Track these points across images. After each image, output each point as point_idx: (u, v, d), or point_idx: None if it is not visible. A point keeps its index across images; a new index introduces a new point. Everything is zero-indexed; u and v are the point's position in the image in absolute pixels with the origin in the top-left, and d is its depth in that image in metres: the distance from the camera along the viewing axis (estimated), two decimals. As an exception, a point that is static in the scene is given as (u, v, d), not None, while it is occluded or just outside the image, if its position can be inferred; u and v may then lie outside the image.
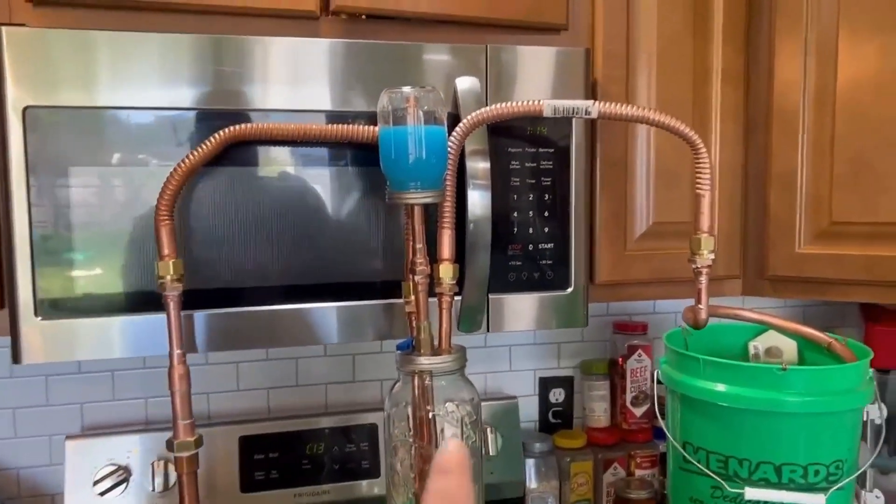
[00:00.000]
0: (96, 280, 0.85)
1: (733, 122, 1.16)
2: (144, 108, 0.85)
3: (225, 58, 0.87)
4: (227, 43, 0.87)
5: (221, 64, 0.87)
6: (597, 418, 1.45)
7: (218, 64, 0.87)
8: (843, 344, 1.00)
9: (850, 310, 1.57)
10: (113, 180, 0.84)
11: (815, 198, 1.11)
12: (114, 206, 0.84)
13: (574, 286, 1.03)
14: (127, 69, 0.84)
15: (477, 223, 0.92)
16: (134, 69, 0.84)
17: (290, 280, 0.92)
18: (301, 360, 1.35)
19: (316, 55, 0.90)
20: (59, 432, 1.24)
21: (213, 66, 0.87)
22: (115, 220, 0.85)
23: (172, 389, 0.85)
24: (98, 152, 0.84)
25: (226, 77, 0.87)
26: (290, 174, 0.90)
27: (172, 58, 0.85)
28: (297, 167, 0.90)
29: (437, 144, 0.83)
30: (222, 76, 0.87)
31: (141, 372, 1.28)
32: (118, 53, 0.84)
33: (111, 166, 0.84)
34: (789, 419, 0.89)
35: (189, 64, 0.86)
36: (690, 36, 1.12)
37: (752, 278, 1.18)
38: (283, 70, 0.89)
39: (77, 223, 0.83)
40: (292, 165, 0.90)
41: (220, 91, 0.87)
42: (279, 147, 0.90)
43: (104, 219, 0.84)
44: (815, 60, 1.10)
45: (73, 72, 0.82)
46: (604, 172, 1.10)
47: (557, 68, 1.00)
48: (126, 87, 0.84)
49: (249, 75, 0.88)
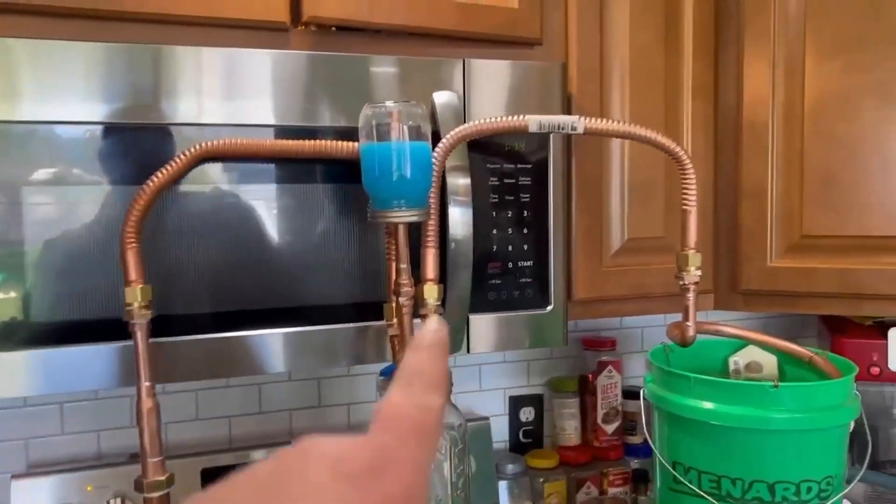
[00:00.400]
0: (8, 308, 0.78)
1: (704, 137, 1.16)
2: (79, 122, 0.79)
3: (180, 69, 0.82)
4: (185, 54, 0.82)
5: (175, 76, 0.82)
6: (568, 436, 1.43)
7: (172, 75, 0.82)
8: (824, 358, 1.01)
9: (810, 321, 1.60)
10: (36, 198, 0.78)
11: (785, 212, 1.12)
12: (37, 228, 0.78)
13: (553, 304, 1.01)
14: (55, 80, 0.78)
15: (458, 242, 0.89)
16: (63, 80, 0.78)
17: (253, 304, 0.87)
18: (264, 385, 1.29)
19: (285, 67, 0.86)
20: (3, 471, 1.15)
21: (166, 78, 0.81)
22: (37, 242, 0.78)
23: (140, 426, 0.79)
24: (17, 169, 0.77)
25: (177, 90, 0.82)
26: (256, 192, 0.86)
27: (125, 68, 0.80)
28: (263, 185, 0.86)
29: (422, 160, 0.80)
30: (175, 89, 0.82)
31: (92, 403, 1.20)
32: (46, 63, 0.78)
33: (33, 185, 0.77)
34: (781, 436, 0.88)
35: (136, 75, 0.80)
36: (662, 51, 1.12)
37: (724, 292, 1.19)
38: (247, 83, 0.85)
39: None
40: (259, 183, 0.86)
41: (172, 105, 0.82)
42: (246, 164, 0.85)
43: (24, 241, 0.77)
44: (783, 77, 1.11)
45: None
46: (579, 188, 1.09)
47: (534, 83, 0.98)
48: (57, 99, 0.78)
49: (209, 88, 0.83)
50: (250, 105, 0.85)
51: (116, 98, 0.80)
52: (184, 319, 0.84)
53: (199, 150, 0.79)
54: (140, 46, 0.81)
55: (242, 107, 0.84)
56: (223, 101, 0.84)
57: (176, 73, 0.82)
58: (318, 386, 1.32)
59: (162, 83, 0.81)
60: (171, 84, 0.82)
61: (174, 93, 0.82)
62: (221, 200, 0.84)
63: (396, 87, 0.91)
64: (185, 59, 0.82)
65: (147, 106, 0.81)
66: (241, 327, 0.87)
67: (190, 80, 0.82)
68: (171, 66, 0.82)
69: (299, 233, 0.88)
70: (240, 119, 0.85)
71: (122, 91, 0.80)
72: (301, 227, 0.88)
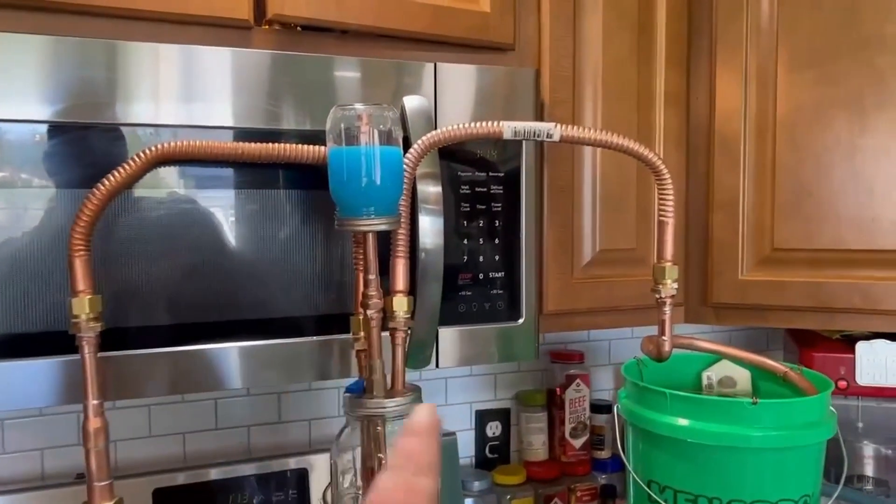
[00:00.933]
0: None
1: (676, 148, 1.15)
2: (25, 121, 0.73)
3: (134, 66, 0.77)
4: (140, 50, 0.77)
5: (129, 73, 0.77)
6: (535, 451, 1.40)
7: (126, 72, 0.77)
8: (798, 373, 0.99)
9: (777, 334, 1.60)
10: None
11: (757, 225, 1.11)
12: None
13: (525, 317, 0.98)
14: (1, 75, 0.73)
15: (429, 251, 0.85)
16: (9, 76, 0.73)
17: (211, 317, 0.82)
18: (220, 400, 1.24)
19: (247, 66, 0.82)
20: (-64, 494, 1.08)
21: (120, 75, 0.76)
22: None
23: (87, 446, 0.73)
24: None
25: (131, 88, 0.77)
26: (214, 198, 0.81)
27: (75, 64, 0.75)
28: (222, 190, 0.81)
29: (392, 166, 0.76)
30: (128, 87, 0.77)
31: (35, 420, 1.13)
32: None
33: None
34: (760, 454, 0.86)
35: (87, 71, 0.75)
36: (635, 60, 1.10)
37: (694, 305, 1.17)
38: (207, 82, 0.80)
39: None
40: (217, 189, 0.81)
41: (126, 104, 0.77)
42: (204, 168, 0.80)
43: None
44: (756, 87, 1.10)
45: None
46: (551, 198, 1.06)
47: (506, 89, 0.96)
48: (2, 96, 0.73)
49: (166, 87, 0.78)
50: (210, 106, 0.80)
51: (65, 96, 0.74)
52: (137, 332, 0.79)
53: (155, 153, 0.74)
54: (92, 41, 0.76)
55: (201, 107, 0.80)
56: (181, 101, 0.79)
57: (130, 70, 0.77)
58: (278, 400, 1.27)
59: (116, 80, 0.76)
60: (125, 82, 0.77)
61: (128, 91, 0.77)
62: (178, 206, 0.79)
63: (364, 89, 0.88)
64: (139, 56, 0.77)
65: (99, 104, 0.76)
66: (197, 341, 0.82)
67: (145, 77, 0.77)
68: (125, 62, 0.77)
69: (261, 241, 0.83)
70: (198, 120, 0.80)
71: (71, 88, 0.75)
72: (263, 235, 0.83)
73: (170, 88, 0.78)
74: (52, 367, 0.75)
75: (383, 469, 0.32)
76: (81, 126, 0.75)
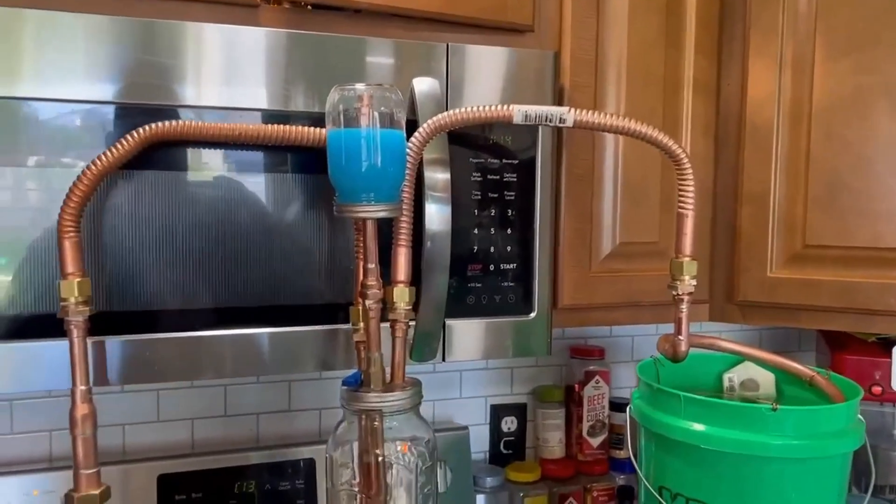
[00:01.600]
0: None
1: (704, 137, 1.09)
2: (47, 99, 0.72)
3: (150, 45, 0.75)
4: (153, 28, 0.75)
5: (145, 52, 0.75)
6: (551, 449, 1.36)
7: (141, 52, 0.75)
8: (826, 378, 0.93)
9: (809, 334, 1.53)
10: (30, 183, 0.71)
11: (788, 219, 1.05)
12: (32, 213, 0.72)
13: (538, 311, 0.94)
14: (38, 54, 0.71)
15: (435, 240, 0.82)
16: (45, 54, 0.71)
17: (218, 302, 0.80)
18: (230, 387, 1.22)
19: (255, 46, 0.79)
20: (-55, 472, 1.08)
21: (135, 53, 0.74)
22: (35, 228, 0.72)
23: (74, 433, 0.71)
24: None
25: (149, 67, 0.75)
26: (221, 181, 0.79)
27: (86, 42, 0.73)
28: (228, 173, 0.79)
29: (394, 150, 0.73)
30: (145, 66, 0.75)
31: (45, 402, 1.12)
32: (30, 35, 0.71)
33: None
34: (779, 464, 0.81)
35: (108, 51, 0.73)
36: (662, 44, 1.05)
37: (720, 303, 1.12)
38: (217, 62, 0.78)
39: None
40: (223, 171, 0.79)
41: (139, 83, 0.75)
42: (209, 150, 0.78)
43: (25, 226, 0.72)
44: (791, 75, 1.04)
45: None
46: (569, 187, 1.01)
47: (524, 72, 0.91)
48: (29, 75, 0.71)
49: (179, 66, 0.76)
50: (212, 86, 0.77)
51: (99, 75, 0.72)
52: (145, 317, 0.77)
53: (148, 133, 0.72)
54: (125, 20, 0.74)
55: (204, 88, 0.77)
56: (188, 81, 0.76)
57: (168, 51, 0.75)
58: (288, 389, 1.25)
59: (148, 61, 0.74)
60: (159, 62, 0.74)
61: (164, 71, 0.75)
62: (179, 190, 0.77)
63: (374, 71, 0.84)
64: (176, 35, 0.75)
65: (140, 84, 0.74)
66: (198, 328, 0.80)
67: (145, 55, 0.75)
68: (160, 41, 0.74)
69: (264, 225, 0.80)
70: (200, 101, 0.77)
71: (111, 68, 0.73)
72: (266, 220, 0.80)
73: (175, 67, 0.76)
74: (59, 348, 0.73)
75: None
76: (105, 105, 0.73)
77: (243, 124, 0.75)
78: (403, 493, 0.82)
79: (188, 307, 0.79)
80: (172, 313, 0.78)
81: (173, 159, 0.77)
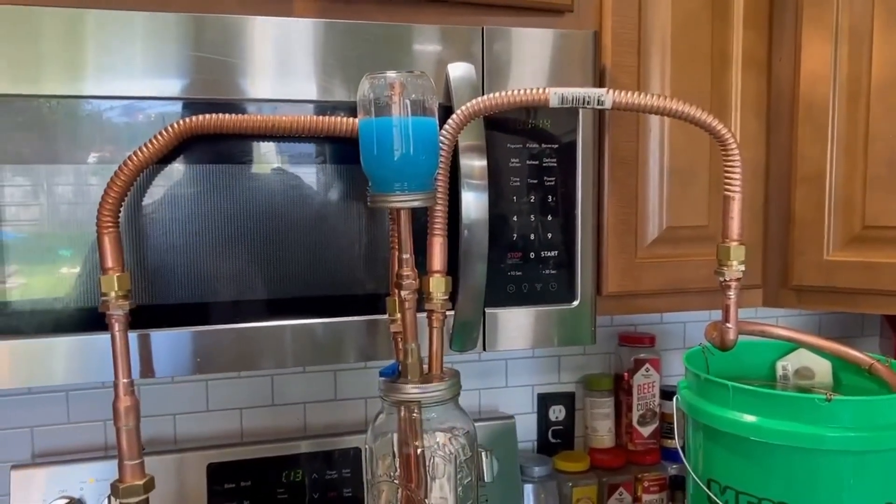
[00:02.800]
0: (29, 294, 0.72)
1: (755, 116, 1.04)
2: (95, 97, 0.73)
3: (201, 39, 0.75)
4: (197, 22, 0.75)
5: (197, 48, 0.75)
6: (600, 438, 1.34)
7: (194, 48, 0.75)
8: (887, 366, 0.89)
9: (872, 320, 1.46)
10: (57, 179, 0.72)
11: (846, 199, 1.00)
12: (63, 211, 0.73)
13: (581, 299, 0.92)
14: (80, 51, 0.72)
15: (472, 229, 0.80)
16: (103, 53, 0.72)
17: (261, 294, 0.80)
18: (277, 377, 1.23)
19: (292, 36, 0.79)
20: (6, 460, 1.12)
21: (188, 49, 0.75)
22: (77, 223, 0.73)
23: (118, 425, 0.72)
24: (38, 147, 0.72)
25: (201, 62, 0.75)
26: (259, 173, 0.79)
27: (145, 40, 0.73)
28: (265, 165, 0.79)
29: (426, 138, 0.71)
30: (197, 61, 0.75)
31: (99, 392, 1.15)
32: (71, 32, 0.72)
33: (53, 164, 0.72)
34: (833, 457, 0.77)
35: (165, 47, 0.74)
36: (709, 18, 1.01)
37: (774, 288, 1.07)
38: (261, 54, 0.77)
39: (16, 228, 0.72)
40: (263, 163, 0.79)
41: (188, 78, 0.75)
42: (247, 142, 0.78)
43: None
44: (847, 49, 0.99)
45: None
46: (612, 171, 0.98)
47: (562, 53, 0.89)
48: (72, 72, 0.72)
49: (226, 61, 0.76)
50: (251, 78, 0.77)
51: (141, 70, 0.73)
52: (189, 309, 0.78)
53: (184, 126, 0.72)
54: (171, 15, 0.75)
55: (243, 80, 0.77)
56: (225, 73, 0.76)
57: (216, 46, 0.75)
58: (334, 378, 1.26)
59: (194, 55, 0.74)
60: (204, 56, 0.75)
61: (210, 65, 0.75)
62: (217, 183, 0.77)
63: (409, 57, 0.83)
64: (225, 30, 0.75)
65: (181, 77, 0.74)
66: (240, 320, 0.80)
67: (188, 49, 0.75)
68: (208, 35, 0.75)
69: (302, 217, 0.80)
70: (238, 93, 0.77)
71: (152, 63, 0.73)
72: (304, 211, 0.80)
73: (207, 61, 0.76)
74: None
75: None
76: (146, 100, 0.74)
77: (277, 116, 0.75)
78: (444, 483, 0.81)
79: (231, 299, 0.79)
80: (215, 305, 0.79)
81: (210, 153, 0.77)
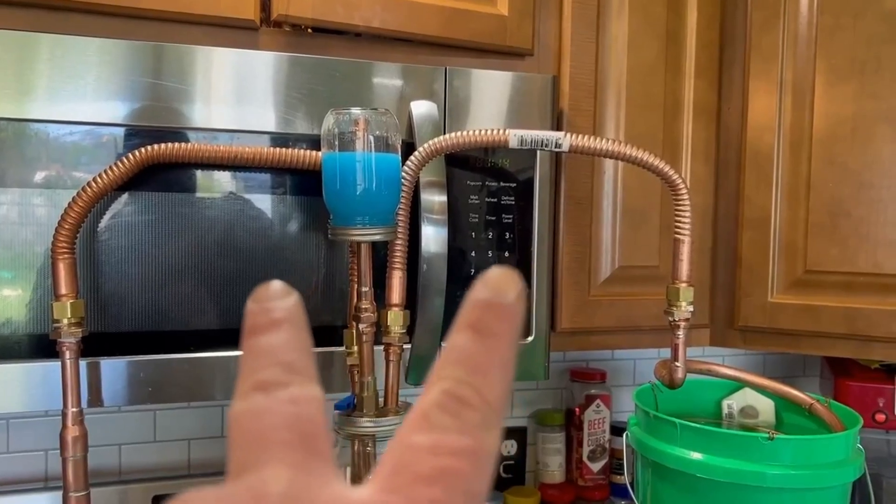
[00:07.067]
0: None
1: (704, 162, 1.09)
2: (56, 121, 0.72)
3: (158, 68, 0.75)
4: (162, 51, 0.75)
5: (154, 76, 0.75)
6: (551, 473, 1.35)
7: (151, 75, 0.75)
8: (825, 406, 0.92)
9: (813, 360, 1.51)
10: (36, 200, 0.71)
11: (789, 244, 1.04)
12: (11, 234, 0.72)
13: (535, 334, 0.93)
14: (48, 77, 0.71)
15: (431, 263, 0.81)
16: (55, 77, 0.72)
17: (214, 324, 0.80)
18: (227, 407, 1.21)
19: (255, 69, 0.80)
20: (-59, 491, 1.08)
21: (143, 76, 0.75)
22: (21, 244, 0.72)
23: (65, 455, 0.71)
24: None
25: (157, 89, 0.75)
26: (218, 202, 0.79)
27: (98, 67, 0.73)
28: (225, 195, 0.79)
29: (389, 174, 0.73)
30: (153, 88, 0.75)
31: (41, 420, 1.12)
32: (41, 58, 0.71)
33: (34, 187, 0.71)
34: (775, 494, 0.80)
35: (117, 74, 0.74)
36: (662, 68, 1.05)
37: (721, 328, 1.11)
38: (222, 85, 0.78)
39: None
40: (220, 193, 0.79)
41: (147, 105, 0.75)
42: (205, 171, 0.78)
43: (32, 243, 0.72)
44: (791, 100, 1.04)
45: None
46: (567, 210, 1.01)
47: (522, 95, 0.91)
48: (39, 96, 0.71)
49: (185, 90, 0.76)
50: (218, 109, 0.78)
51: (99, 97, 0.73)
52: (141, 338, 0.77)
53: (146, 154, 0.72)
54: (128, 43, 0.75)
55: (211, 109, 0.77)
56: (195, 103, 0.77)
57: (175, 75, 0.75)
58: (286, 410, 1.24)
59: (149, 83, 0.74)
60: (162, 85, 0.75)
61: (169, 94, 0.75)
62: (176, 211, 0.77)
63: (372, 93, 0.84)
64: (182, 59, 0.75)
65: (144, 106, 0.74)
66: (194, 349, 0.79)
67: (153, 79, 0.75)
68: (166, 64, 0.75)
69: (260, 247, 0.80)
70: (197, 122, 0.78)
71: (114, 90, 0.73)
72: (263, 241, 0.80)
73: (173, 90, 0.76)
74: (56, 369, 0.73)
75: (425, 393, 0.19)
76: (104, 127, 0.74)
77: (239, 147, 0.76)
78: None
79: (185, 328, 0.79)
80: (169, 334, 0.78)
81: (170, 181, 0.77)
